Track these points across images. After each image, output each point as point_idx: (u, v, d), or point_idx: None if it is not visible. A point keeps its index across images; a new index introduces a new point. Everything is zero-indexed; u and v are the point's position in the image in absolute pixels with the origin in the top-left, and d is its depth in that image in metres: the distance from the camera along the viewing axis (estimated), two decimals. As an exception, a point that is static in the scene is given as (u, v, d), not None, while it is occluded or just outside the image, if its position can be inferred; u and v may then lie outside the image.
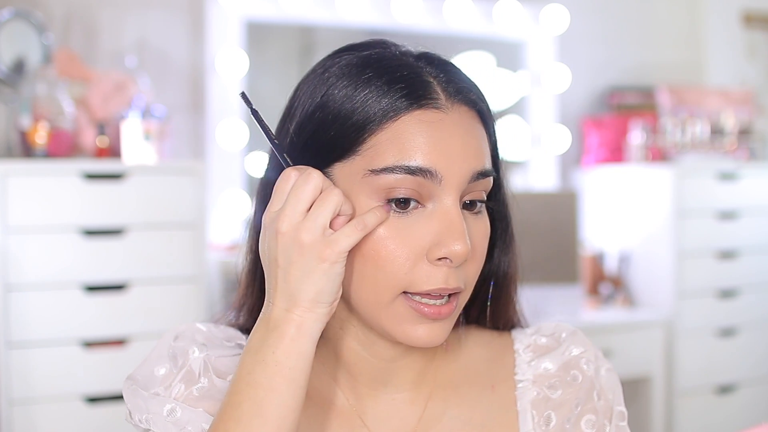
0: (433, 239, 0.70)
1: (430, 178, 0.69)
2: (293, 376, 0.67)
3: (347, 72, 0.73)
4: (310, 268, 0.66)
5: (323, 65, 0.76)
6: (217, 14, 2.62)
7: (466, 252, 0.69)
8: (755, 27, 3.44)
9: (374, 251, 0.70)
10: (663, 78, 3.27)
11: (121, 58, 2.41)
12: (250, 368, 0.68)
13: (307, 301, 0.67)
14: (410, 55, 0.75)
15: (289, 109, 0.78)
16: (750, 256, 2.90)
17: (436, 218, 0.70)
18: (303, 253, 0.66)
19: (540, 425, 0.78)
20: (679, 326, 2.78)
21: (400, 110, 0.70)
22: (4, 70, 2.20)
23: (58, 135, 2.13)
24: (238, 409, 0.67)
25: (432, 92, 0.71)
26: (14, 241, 2.00)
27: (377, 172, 0.69)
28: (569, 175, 3.16)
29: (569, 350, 0.81)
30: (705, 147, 2.98)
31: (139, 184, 2.11)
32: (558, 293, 2.62)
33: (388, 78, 0.71)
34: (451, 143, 0.70)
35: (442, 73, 0.73)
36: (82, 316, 2.05)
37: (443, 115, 0.71)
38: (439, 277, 0.70)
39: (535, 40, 3.07)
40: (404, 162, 0.69)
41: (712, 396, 2.86)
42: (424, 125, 0.70)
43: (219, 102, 2.63)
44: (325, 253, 0.66)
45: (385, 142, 0.69)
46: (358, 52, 0.75)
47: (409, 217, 0.70)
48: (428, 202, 0.70)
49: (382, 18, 2.83)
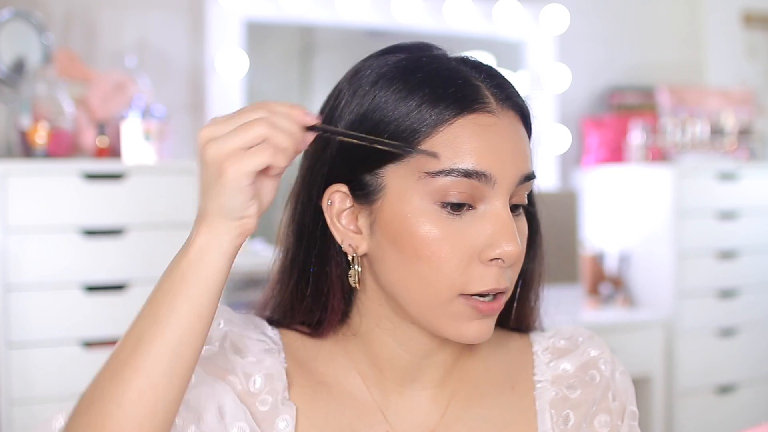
0: (485, 240, 0.71)
1: (485, 181, 0.71)
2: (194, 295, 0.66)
3: (398, 75, 0.73)
4: (211, 182, 0.65)
5: (368, 67, 0.76)
6: (217, 14, 2.62)
7: (518, 253, 0.71)
8: (755, 27, 3.44)
9: (430, 252, 0.71)
10: (663, 78, 3.27)
11: (121, 58, 2.41)
12: (158, 283, 0.68)
13: (212, 214, 0.66)
14: (452, 59, 0.76)
15: (332, 111, 0.77)
16: (750, 256, 2.90)
17: (488, 220, 0.71)
18: (207, 167, 0.66)
19: (558, 424, 0.79)
20: (679, 326, 2.78)
21: (456, 114, 0.71)
22: (4, 70, 2.19)
23: (58, 135, 2.13)
24: (140, 320, 0.67)
25: (484, 96, 0.73)
26: (14, 241, 2.00)
27: (433, 174, 0.70)
28: (569, 175, 3.16)
29: (587, 352, 0.83)
30: (705, 147, 2.98)
31: (139, 184, 2.11)
32: (558, 293, 2.59)
33: (442, 82, 0.72)
34: (503, 147, 0.72)
35: (488, 77, 0.75)
36: (82, 316, 2.05)
37: (496, 119, 0.72)
38: (491, 277, 0.71)
39: (535, 40, 3.07)
40: (460, 165, 0.70)
41: (712, 396, 2.86)
42: (479, 129, 0.71)
43: (219, 102, 2.63)
44: (224, 167, 0.64)
45: (440, 146, 0.70)
46: (402, 54, 0.76)
47: (462, 219, 0.71)
48: (480, 204, 0.72)
49: (382, 18, 2.83)
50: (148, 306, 0.67)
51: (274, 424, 0.75)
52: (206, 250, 0.66)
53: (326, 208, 0.75)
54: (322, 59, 2.83)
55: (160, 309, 0.66)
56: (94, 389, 0.66)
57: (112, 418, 0.64)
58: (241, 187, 0.64)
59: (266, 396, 0.76)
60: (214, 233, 0.66)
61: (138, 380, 0.64)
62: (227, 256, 0.67)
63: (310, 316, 0.79)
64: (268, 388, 0.76)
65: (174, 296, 0.66)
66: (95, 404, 0.65)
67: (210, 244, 0.66)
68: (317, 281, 0.77)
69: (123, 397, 0.64)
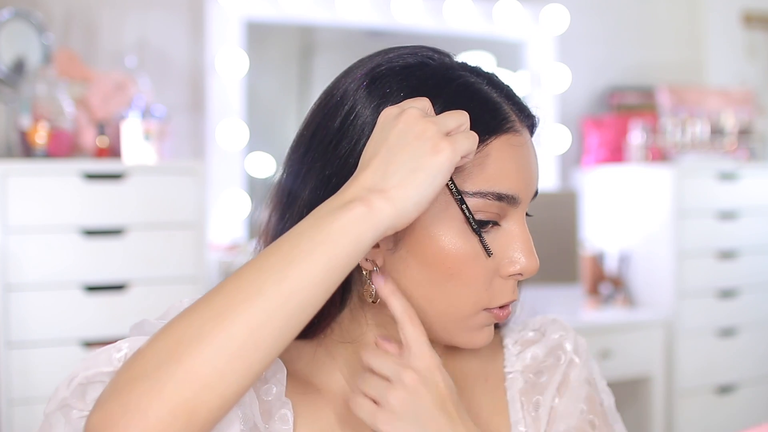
0: (507, 256, 0.73)
1: (512, 203, 0.72)
2: (335, 256, 0.62)
3: (424, 93, 0.71)
4: (420, 155, 0.64)
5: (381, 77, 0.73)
6: (217, 14, 2.62)
7: (537, 267, 0.73)
8: (755, 27, 3.44)
9: (460, 271, 0.71)
10: (663, 78, 3.27)
11: (121, 58, 2.41)
12: (300, 230, 0.64)
13: (397, 190, 0.63)
14: (468, 71, 0.75)
15: (347, 120, 0.72)
16: (750, 256, 2.90)
17: (511, 237, 0.73)
18: (420, 138, 0.64)
19: (529, 411, 0.81)
20: (679, 326, 2.78)
21: (490, 135, 0.71)
22: (4, 70, 2.20)
23: (58, 135, 2.13)
24: (268, 258, 0.63)
25: (510, 115, 0.73)
26: (14, 241, 2.00)
27: (468, 195, 0.70)
28: (569, 175, 3.16)
29: (552, 337, 0.85)
30: (705, 147, 2.98)
31: (139, 184, 2.11)
32: (558, 293, 2.62)
33: (471, 102, 0.71)
34: (528, 167, 0.74)
35: (506, 94, 0.75)
36: (82, 316, 2.05)
37: (523, 139, 0.74)
38: (510, 291, 0.74)
39: (535, 40, 3.07)
40: (495, 189, 0.71)
41: (712, 396, 2.86)
42: (512, 150, 0.72)
43: (219, 102, 2.63)
44: (441, 145, 0.63)
45: (476, 167, 0.70)
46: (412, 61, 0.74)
47: (487, 236, 0.72)
48: (503, 221, 0.73)
49: (382, 18, 2.83)
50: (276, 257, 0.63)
51: (274, 417, 0.74)
52: (360, 224, 0.63)
53: None
54: (322, 59, 2.83)
55: (291, 266, 0.62)
56: (191, 325, 0.61)
57: (205, 364, 0.59)
58: (450, 167, 0.64)
59: (271, 386, 0.75)
60: (374, 212, 0.63)
61: (246, 330, 0.60)
62: (375, 239, 0.64)
63: None
64: (272, 378, 0.75)
65: (312, 258, 0.62)
66: (190, 343, 0.60)
67: (365, 220, 0.63)
68: None
69: (225, 344, 0.60)
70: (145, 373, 0.60)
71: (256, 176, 2.69)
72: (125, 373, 0.61)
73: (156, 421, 0.58)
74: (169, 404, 0.59)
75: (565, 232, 2.66)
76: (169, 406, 0.59)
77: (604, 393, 0.87)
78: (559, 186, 3.11)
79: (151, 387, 0.59)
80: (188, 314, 0.62)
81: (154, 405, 0.59)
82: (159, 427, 0.59)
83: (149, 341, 0.62)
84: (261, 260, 0.63)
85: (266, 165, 2.70)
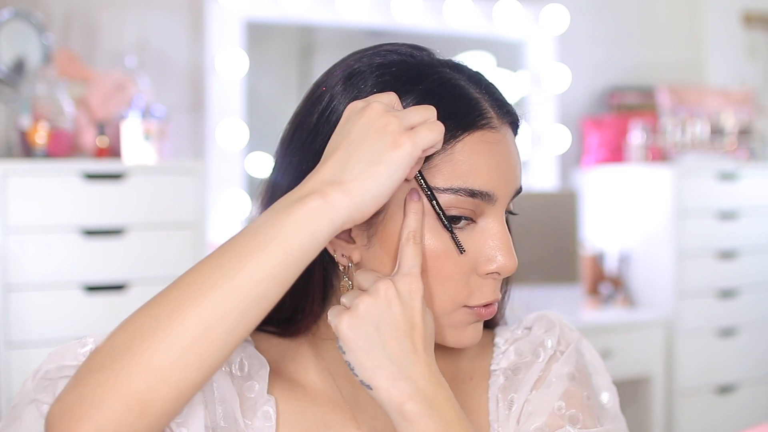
0: (484, 254, 0.72)
1: (488, 199, 0.71)
2: (290, 250, 0.62)
3: (400, 86, 0.71)
4: (380, 148, 0.64)
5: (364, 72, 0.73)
6: (217, 14, 2.62)
7: (514, 266, 0.72)
8: (755, 27, 3.44)
9: (433, 267, 0.71)
10: (663, 78, 3.28)
11: (121, 58, 2.41)
12: (256, 224, 0.64)
13: (355, 183, 0.63)
14: (447, 66, 0.74)
15: (323, 115, 0.73)
16: (750, 256, 2.90)
17: (487, 235, 0.72)
18: (381, 132, 0.64)
19: (503, 409, 0.79)
20: (679, 326, 2.78)
21: (463, 131, 0.70)
22: (4, 70, 2.19)
23: (58, 135, 2.13)
24: (224, 253, 0.63)
25: (486, 112, 0.72)
26: (14, 241, 2.00)
27: (440, 191, 0.69)
28: (569, 175, 3.16)
29: (536, 333, 0.83)
30: (705, 147, 2.98)
31: (139, 184, 2.11)
32: (558, 293, 2.62)
33: (446, 96, 0.71)
34: (506, 165, 0.72)
35: (485, 90, 0.74)
36: (82, 316, 2.05)
37: (499, 136, 0.72)
38: (490, 291, 0.73)
39: (535, 40, 3.07)
40: (467, 185, 0.70)
41: (712, 396, 2.86)
42: (485, 146, 0.71)
43: (219, 102, 2.63)
44: (401, 139, 0.64)
45: (448, 163, 0.70)
46: (391, 58, 0.74)
47: (461, 233, 0.71)
48: (479, 218, 0.72)
49: (382, 18, 2.83)
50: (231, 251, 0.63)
51: (257, 414, 0.74)
52: (316, 218, 0.63)
53: None
54: (322, 59, 2.83)
55: (245, 260, 0.62)
56: (147, 318, 0.62)
57: (158, 356, 0.60)
58: (409, 161, 0.64)
59: (253, 382, 0.75)
60: (331, 206, 0.63)
61: (198, 323, 0.61)
62: (331, 233, 0.64)
63: (282, 315, 0.77)
64: (255, 375, 0.75)
65: (266, 252, 0.62)
66: (144, 336, 0.61)
67: (321, 214, 0.63)
68: (298, 285, 0.74)
69: (178, 336, 0.60)
70: (101, 366, 0.61)
71: (256, 176, 2.69)
72: (84, 367, 0.62)
73: (109, 413, 0.59)
74: (122, 396, 0.60)
75: (565, 232, 2.66)
76: (122, 398, 0.60)
77: (605, 390, 0.85)
78: (559, 186, 3.11)
79: (105, 379, 0.60)
80: (146, 308, 0.63)
81: (107, 397, 0.60)
82: (112, 419, 0.59)
83: (108, 335, 0.63)
84: (217, 255, 0.64)
85: (266, 165, 2.70)
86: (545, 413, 0.76)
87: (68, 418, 0.60)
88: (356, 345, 0.66)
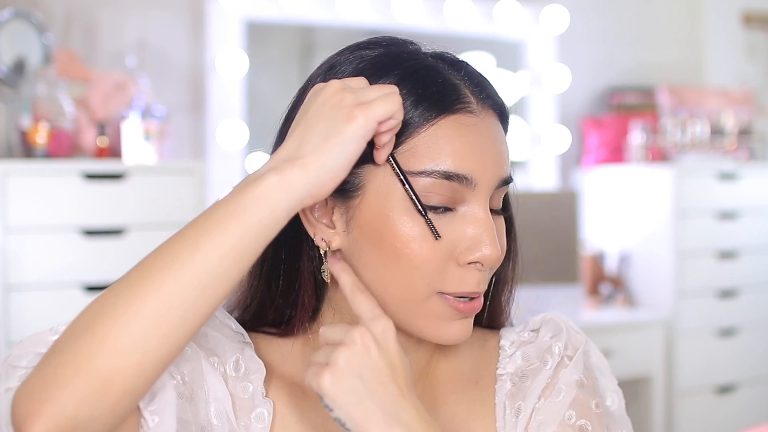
0: (465, 243, 0.70)
1: (465, 183, 0.70)
2: (247, 225, 0.63)
3: (375, 71, 0.72)
4: (334, 123, 0.64)
5: (344, 62, 0.74)
6: (217, 14, 2.62)
7: (498, 257, 0.70)
8: (755, 27, 3.44)
9: (410, 251, 0.69)
10: (663, 78, 3.27)
11: (121, 58, 2.41)
12: (216, 204, 0.65)
13: (310, 157, 0.64)
14: (429, 55, 0.75)
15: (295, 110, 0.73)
16: (750, 256, 2.90)
17: (468, 223, 0.71)
18: (336, 107, 0.65)
19: (510, 416, 0.78)
20: (679, 326, 2.78)
21: (438, 114, 0.70)
22: (4, 70, 2.19)
23: (58, 135, 2.13)
24: (185, 231, 0.65)
25: (464, 96, 0.72)
26: (14, 241, 2.00)
27: (414, 174, 0.69)
28: (569, 175, 3.16)
29: (544, 338, 0.82)
30: (705, 147, 2.98)
31: (139, 184, 2.11)
32: (558, 293, 2.62)
33: (422, 80, 0.71)
34: (485, 149, 0.71)
35: (467, 75, 0.74)
36: (82, 316, 2.05)
37: (477, 120, 0.71)
38: (472, 281, 0.71)
39: (535, 40, 3.07)
40: (441, 167, 0.69)
41: (712, 396, 2.86)
42: (461, 129, 0.70)
43: (219, 102, 2.63)
44: (354, 112, 0.64)
45: (422, 146, 0.69)
46: (379, 49, 0.74)
47: (440, 219, 0.70)
48: (459, 205, 0.71)
49: (382, 18, 2.83)
50: (191, 229, 0.64)
51: (251, 415, 0.73)
52: (273, 193, 0.63)
53: None
54: (322, 59, 2.82)
55: (204, 236, 0.63)
56: (108, 297, 0.63)
57: (118, 332, 0.60)
58: (363, 135, 0.64)
59: (248, 383, 0.74)
60: (288, 181, 0.64)
61: (158, 299, 0.61)
62: (288, 209, 0.64)
63: (280, 315, 0.77)
64: (250, 376, 0.75)
65: (224, 228, 0.63)
66: (105, 314, 0.61)
67: (279, 189, 0.64)
68: (288, 277, 0.75)
69: (137, 312, 0.61)
70: (64, 346, 0.61)
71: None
72: (49, 350, 0.63)
73: (71, 392, 0.60)
74: (84, 374, 0.60)
75: (565, 232, 2.66)
76: (84, 377, 0.60)
77: (610, 393, 0.83)
78: (559, 186, 3.11)
79: (66, 359, 0.61)
80: (109, 289, 0.64)
81: (69, 376, 0.60)
82: (75, 397, 0.60)
83: (74, 318, 0.64)
84: (179, 233, 0.65)
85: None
86: (555, 423, 0.76)
87: (31, 400, 0.60)
88: (344, 400, 0.65)
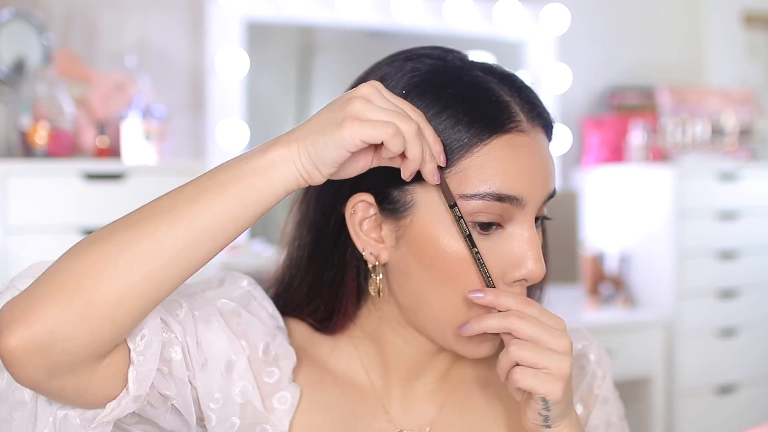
0: (511, 261, 0.71)
1: (516, 204, 0.70)
2: (246, 192, 0.65)
3: (429, 89, 0.71)
4: (329, 123, 0.65)
5: (395, 76, 0.74)
6: (217, 14, 2.62)
7: (542, 273, 0.71)
8: (755, 27, 3.44)
9: (457, 274, 0.70)
10: (663, 78, 3.27)
11: (121, 58, 2.41)
12: (218, 168, 0.67)
13: (299, 142, 0.65)
14: (478, 68, 0.74)
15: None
16: (750, 256, 2.90)
17: (516, 241, 0.71)
18: (339, 110, 0.65)
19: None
20: (680, 326, 2.78)
21: (490, 135, 0.70)
22: (4, 70, 2.19)
23: (58, 135, 2.13)
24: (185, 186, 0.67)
25: (516, 115, 0.72)
26: (14, 241, 2.00)
27: (467, 197, 0.69)
28: (569, 175, 3.16)
29: (575, 346, 0.85)
30: (705, 147, 2.98)
31: (139, 185, 2.11)
32: (558, 293, 2.61)
33: (475, 99, 0.71)
34: (535, 168, 0.72)
35: (516, 91, 0.74)
36: (82, 316, 2.05)
37: (528, 139, 0.72)
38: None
39: (535, 40, 3.07)
40: (495, 190, 0.69)
41: (712, 396, 2.86)
42: (514, 150, 0.70)
43: (219, 102, 2.63)
44: (346, 122, 0.64)
45: (475, 167, 0.70)
46: (427, 61, 0.74)
47: (490, 239, 0.71)
48: (508, 224, 0.71)
49: (382, 18, 2.83)
50: (193, 186, 0.66)
51: (274, 399, 0.75)
52: (276, 167, 0.65)
53: (349, 217, 0.74)
54: (322, 59, 2.83)
55: (204, 193, 0.65)
56: (105, 232, 0.65)
57: (108, 261, 0.63)
58: (344, 145, 0.64)
59: (274, 368, 0.76)
60: (290, 159, 0.65)
61: (151, 238, 0.63)
62: (286, 185, 0.66)
63: (318, 314, 0.79)
64: (278, 362, 0.76)
65: (224, 189, 0.65)
66: (99, 245, 0.64)
67: (281, 164, 0.65)
68: (333, 285, 0.77)
69: (130, 247, 0.63)
70: (56, 268, 0.65)
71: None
72: (43, 272, 0.67)
73: (53, 306, 0.63)
74: (67, 291, 0.63)
75: (566, 232, 2.66)
76: (67, 293, 0.63)
77: (617, 403, 0.88)
78: (559, 186, 3.11)
79: (55, 277, 0.65)
80: (108, 224, 0.66)
81: (54, 291, 0.64)
82: (55, 312, 0.63)
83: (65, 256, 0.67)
84: (180, 187, 0.67)
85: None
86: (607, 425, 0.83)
87: (15, 309, 0.64)
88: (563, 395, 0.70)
